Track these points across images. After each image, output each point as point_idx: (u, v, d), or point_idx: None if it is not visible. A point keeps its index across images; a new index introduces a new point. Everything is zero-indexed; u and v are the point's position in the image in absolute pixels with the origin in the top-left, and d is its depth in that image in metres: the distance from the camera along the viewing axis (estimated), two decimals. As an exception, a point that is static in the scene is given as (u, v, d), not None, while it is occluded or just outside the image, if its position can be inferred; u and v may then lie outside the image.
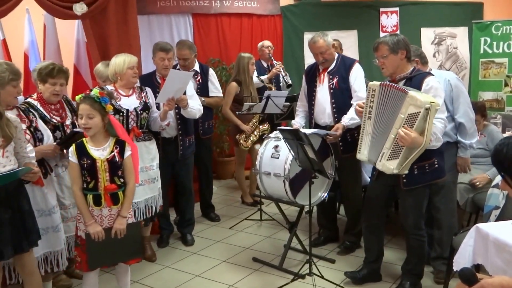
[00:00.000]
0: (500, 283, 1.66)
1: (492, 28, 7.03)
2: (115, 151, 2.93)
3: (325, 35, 3.87)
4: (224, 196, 5.90)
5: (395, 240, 4.22)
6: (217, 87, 4.89)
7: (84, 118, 2.84)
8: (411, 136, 2.84)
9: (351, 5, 7.02)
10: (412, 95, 2.87)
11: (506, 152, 1.72)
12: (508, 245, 2.16)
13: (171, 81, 3.71)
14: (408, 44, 3.17)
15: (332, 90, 3.89)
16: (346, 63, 3.93)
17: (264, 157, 3.92)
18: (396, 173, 2.98)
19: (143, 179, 3.75)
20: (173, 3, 6.33)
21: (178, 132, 4.13)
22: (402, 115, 2.90)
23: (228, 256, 4.07)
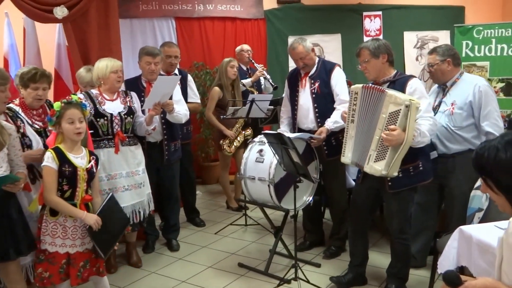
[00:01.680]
0: (484, 285, 1.66)
1: (474, 32, 7.11)
2: (93, 161, 2.90)
3: (304, 41, 3.88)
4: (209, 201, 5.86)
5: (380, 243, 4.22)
6: (195, 93, 4.88)
7: (77, 123, 2.80)
8: (395, 135, 2.86)
9: (334, 9, 7.04)
10: (390, 93, 2.91)
11: (488, 156, 1.71)
12: (491, 247, 2.18)
13: (158, 87, 3.69)
14: (389, 48, 3.20)
15: (314, 95, 3.90)
16: (326, 67, 3.94)
17: (248, 161, 3.91)
18: (385, 175, 2.97)
19: (130, 184, 3.72)
20: (156, 7, 6.30)
21: (164, 137, 4.09)
22: (383, 115, 2.93)
23: (214, 262, 4.04)
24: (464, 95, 3.36)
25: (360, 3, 7.19)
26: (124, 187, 3.67)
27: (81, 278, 2.85)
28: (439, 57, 3.45)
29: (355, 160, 3.17)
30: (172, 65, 4.60)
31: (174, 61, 4.59)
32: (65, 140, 2.85)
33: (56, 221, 2.81)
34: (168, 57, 4.55)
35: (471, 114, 3.35)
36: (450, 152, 3.40)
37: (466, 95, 3.35)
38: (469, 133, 3.36)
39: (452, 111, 3.38)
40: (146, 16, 6.25)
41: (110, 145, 3.60)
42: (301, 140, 3.77)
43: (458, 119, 3.36)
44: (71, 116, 2.79)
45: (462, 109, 3.35)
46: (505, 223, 1.69)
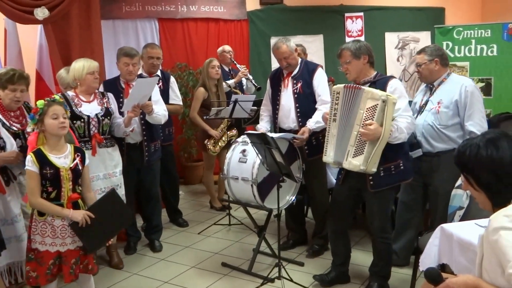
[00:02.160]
0: (465, 282, 1.68)
1: (454, 33, 7.21)
2: (77, 158, 2.86)
3: (288, 40, 3.90)
4: (192, 201, 5.84)
5: (363, 242, 4.26)
6: (177, 95, 4.86)
7: (61, 118, 2.78)
8: (372, 129, 2.91)
9: (316, 10, 7.08)
10: (367, 89, 2.98)
11: (469, 154, 1.74)
12: (472, 245, 2.21)
13: (137, 89, 3.67)
14: (370, 50, 3.25)
15: (296, 95, 3.91)
16: (309, 68, 3.96)
17: (231, 161, 3.90)
18: (363, 170, 3.00)
19: (106, 186, 3.67)
20: (138, 8, 6.26)
21: (143, 138, 4.07)
22: (361, 111, 2.99)
23: (197, 262, 4.03)
24: (450, 95, 3.40)
25: (342, 4, 7.24)
26: (101, 189, 3.63)
27: (74, 275, 2.84)
28: (427, 56, 3.49)
29: (338, 159, 3.19)
30: (154, 66, 4.58)
31: (156, 62, 4.57)
32: (48, 139, 2.81)
33: (44, 220, 2.79)
34: (151, 58, 4.53)
35: (456, 113, 3.38)
36: (435, 151, 3.43)
37: (453, 94, 3.39)
38: (454, 132, 3.40)
39: (438, 110, 3.41)
40: (129, 17, 6.21)
41: (87, 147, 3.55)
42: (284, 140, 3.78)
43: (444, 117, 3.40)
44: (56, 112, 2.77)
45: (448, 108, 3.39)
46: (485, 221, 1.72)
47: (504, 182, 1.68)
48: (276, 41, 3.95)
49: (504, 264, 1.54)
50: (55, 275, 2.83)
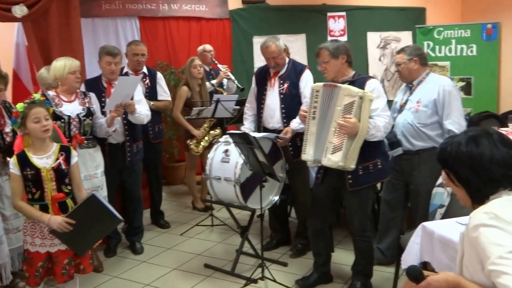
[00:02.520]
0: (445, 279, 1.69)
1: (435, 33, 7.28)
2: (61, 158, 2.81)
3: (277, 40, 3.88)
4: (174, 202, 5.79)
5: (345, 241, 4.26)
6: (165, 91, 4.82)
7: (43, 120, 2.73)
8: (351, 122, 2.93)
9: (299, 9, 7.08)
10: (344, 86, 3.01)
11: (450, 150, 1.76)
12: (452, 242, 2.22)
13: (120, 88, 3.62)
14: (348, 49, 3.26)
15: (282, 95, 3.89)
16: (296, 69, 3.95)
17: (214, 161, 3.88)
18: (342, 167, 3.01)
19: (87, 188, 3.58)
20: (119, 6, 6.18)
21: (126, 138, 4.02)
22: (339, 107, 3.01)
23: (179, 264, 3.99)
24: (429, 94, 3.43)
25: (325, 4, 7.25)
26: None
27: (68, 275, 2.80)
28: (407, 56, 3.52)
29: (317, 157, 3.18)
30: (139, 64, 4.53)
31: (141, 59, 4.52)
32: (33, 141, 2.77)
33: (33, 221, 2.76)
34: (135, 55, 4.48)
35: (435, 112, 3.42)
36: (415, 149, 3.46)
37: (431, 93, 3.42)
38: (433, 131, 3.43)
39: (417, 109, 3.45)
40: (109, 15, 6.12)
41: None
42: (267, 139, 3.76)
43: (423, 116, 3.43)
44: (37, 115, 2.72)
45: (427, 106, 3.42)
46: (466, 219, 1.73)
47: (483, 178, 1.68)
48: (266, 40, 3.92)
49: (484, 260, 1.55)
50: (43, 277, 2.80)
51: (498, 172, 1.66)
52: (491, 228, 1.56)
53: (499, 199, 1.67)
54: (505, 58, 7.05)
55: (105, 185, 3.79)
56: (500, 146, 1.69)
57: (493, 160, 1.67)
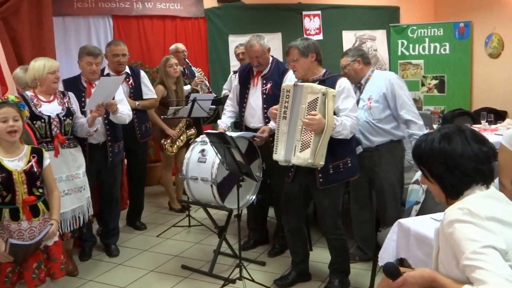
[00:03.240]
0: (421, 275, 1.71)
1: (408, 31, 7.38)
2: (33, 160, 2.75)
3: (262, 39, 3.86)
4: (150, 203, 5.71)
5: (323, 239, 4.24)
6: (150, 89, 4.75)
7: (11, 121, 2.66)
8: (316, 118, 2.94)
9: (274, 8, 7.09)
10: (307, 84, 3.04)
11: (424, 147, 1.79)
12: (428, 238, 2.24)
13: (101, 88, 3.57)
14: (318, 48, 3.27)
15: (265, 95, 3.87)
16: (280, 69, 3.93)
17: (190, 161, 3.84)
18: (311, 164, 3.01)
19: (69, 188, 3.56)
20: (91, 4, 6.08)
21: (107, 138, 3.96)
22: (303, 105, 3.03)
23: (156, 265, 3.94)
24: (377, 89, 3.53)
25: (300, 3, 7.27)
26: (64, 192, 3.50)
27: (38, 280, 2.74)
28: (350, 58, 3.62)
29: (288, 157, 3.17)
30: (120, 64, 4.43)
31: (122, 60, 4.41)
32: (2, 142, 2.71)
33: (1, 225, 2.69)
34: (116, 56, 4.38)
35: (387, 105, 3.52)
36: (374, 145, 3.54)
37: (379, 88, 3.52)
38: (388, 124, 3.53)
39: (370, 106, 3.52)
40: (81, 13, 6.02)
41: (49, 148, 3.43)
42: (244, 138, 3.74)
43: (376, 112, 3.52)
44: (5, 115, 2.66)
45: (378, 102, 3.51)
46: (441, 215, 1.75)
47: (455, 173, 1.71)
48: (250, 38, 3.88)
49: (459, 256, 1.57)
50: (14, 283, 2.73)
51: (470, 167, 1.69)
52: (466, 224, 1.58)
53: (473, 195, 1.70)
54: (477, 56, 7.19)
55: (87, 186, 3.73)
56: (472, 143, 1.72)
57: (464, 155, 1.69)
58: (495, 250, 1.52)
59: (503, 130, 4.66)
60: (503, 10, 6.64)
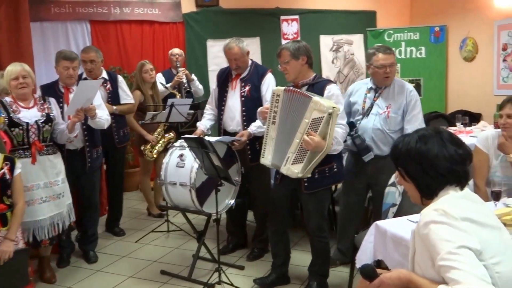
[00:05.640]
0: (398, 276, 1.72)
1: (385, 36, 7.47)
2: (5, 168, 2.71)
3: (241, 42, 3.86)
4: (129, 208, 5.66)
5: (302, 242, 4.28)
6: (128, 94, 4.72)
7: None
8: (315, 140, 2.88)
9: (252, 13, 7.10)
10: (316, 100, 2.91)
11: (401, 148, 1.82)
12: (404, 240, 2.27)
13: (80, 93, 3.54)
14: (309, 51, 3.24)
15: (243, 98, 3.87)
16: (259, 72, 3.93)
17: (169, 166, 3.82)
18: (300, 177, 3.03)
19: (48, 195, 3.51)
20: (69, 10, 6.03)
21: (85, 144, 3.92)
22: (306, 120, 2.94)
23: (135, 271, 3.90)
24: (399, 99, 3.46)
25: (278, 7, 7.31)
26: (41, 199, 3.46)
27: None
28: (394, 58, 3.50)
29: (275, 162, 3.18)
30: (89, 71, 4.40)
31: (89, 66, 4.38)
32: None
33: None
34: (84, 62, 4.37)
35: (403, 117, 3.46)
36: (383, 154, 3.45)
37: (401, 99, 3.45)
38: (398, 135, 3.42)
39: (388, 115, 3.45)
40: (58, 19, 5.97)
41: (26, 155, 3.39)
42: (222, 143, 3.73)
43: (393, 122, 3.46)
44: None
45: (396, 113, 3.45)
46: (417, 217, 1.77)
47: (430, 174, 1.74)
48: (229, 41, 3.87)
49: (434, 256, 1.59)
50: None
51: (445, 168, 1.72)
52: (441, 225, 1.60)
53: (447, 196, 1.72)
54: (452, 60, 7.32)
55: (68, 192, 3.69)
56: (448, 144, 1.75)
57: (440, 156, 1.72)
58: (470, 250, 1.54)
59: (477, 132, 4.75)
60: (477, 14, 6.78)
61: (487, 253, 1.57)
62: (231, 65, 3.91)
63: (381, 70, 3.41)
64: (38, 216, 3.42)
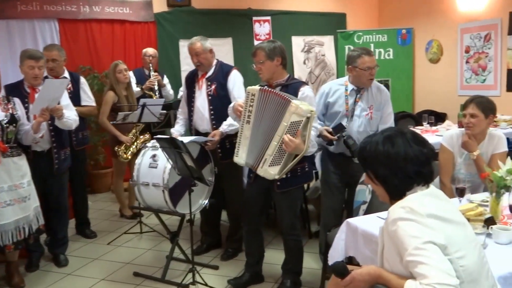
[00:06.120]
0: (368, 272, 1.77)
1: (355, 37, 7.60)
2: None
3: (204, 39, 3.89)
4: (101, 210, 5.61)
5: (275, 241, 4.33)
6: (89, 96, 4.67)
7: None
8: (295, 143, 2.91)
9: (225, 13, 7.12)
10: (295, 104, 2.93)
11: (369, 149, 1.84)
12: (374, 236, 2.32)
13: (45, 92, 3.45)
14: (284, 52, 3.26)
15: (210, 97, 3.89)
16: (224, 70, 3.94)
17: (141, 167, 3.80)
18: (277, 178, 3.06)
19: (12, 199, 3.42)
20: (36, 7, 5.91)
21: (52, 145, 3.84)
22: (285, 123, 2.96)
23: (107, 274, 3.87)
24: (377, 99, 3.52)
25: (250, 8, 7.34)
26: (5, 202, 3.37)
27: None
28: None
29: (249, 161, 3.20)
30: (50, 70, 4.29)
31: (50, 65, 4.27)
32: None
33: None
34: (46, 61, 4.27)
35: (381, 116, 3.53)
36: None
37: (380, 98, 3.52)
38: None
39: (371, 116, 3.50)
40: (25, 17, 5.85)
41: None
42: (195, 143, 3.74)
43: (375, 122, 3.52)
44: None
45: (377, 113, 3.51)
46: (386, 214, 1.81)
47: (399, 176, 1.78)
48: (192, 38, 3.91)
49: (402, 252, 1.64)
50: None
51: (412, 170, 1.77)
52: (408, 222, 1.65)
53: (414, 194, 1.77)
54: (418, 62, 7.51)
55: (35, 195, 3.61)
56: (413, 145, 1.79)
57: (407, 158, 1.77)
58: (435, 246, 1.60)
59: (443, 131, 4.88)
60: (442, 17, 6.97)
61: (452, 248, 1.63)
62: (193, 62, 3.92)
63: (367, 72, 3.43)
64: (2, 220, 3.33)
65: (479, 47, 6.49)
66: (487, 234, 2.29)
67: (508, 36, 6.07)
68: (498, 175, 2.55)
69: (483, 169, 2.84)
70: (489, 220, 2.43)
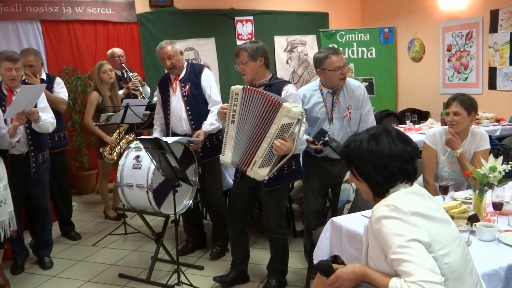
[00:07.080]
0: (353, 271, 1.78)
1: (337, 36, 7.65)
2: None
3: (173, 43, 3.91)
4: (85, 212, 5.56)
5: (260, 240, 4.34)
6: (62, 92, 4.58)
7: None
8: (287, 146, 2.92)
9: (207, 13, 7.10)
10: (286, 106, 2.91)
11: (353, 148, 1.86)
12: (359, 235, 2.34)
13: (21, 96, 3.41)
14: (266, 52, 3.26)
15: (185, 98, 3.88)
16: (195, 70, 3.96)
17: (125, 168, 3.77)
18: (266, 179, 3.06)
19: (-12, 203, 3.37)
20: (18, 9, 5.84)
21: (30, 148, 3.79)
22: (276, 126, 2.94)
23: (92, 275, 3.84)
24: (354, 96, 3.45)
25: (232, 8, 7.34)
26: None
27: None
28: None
29: (236, 160, 3.20)
30: (27, 75, 4.22)
31: (27, 71, 4.21)
32: None
33: None
34: (23, 66, 4.21)
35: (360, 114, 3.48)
36: None
37: (356, 95, 3.45)
38: None
39: (350, 116, 3.44)
40: (8, 19, 5.77)
41: None
42: (179, 143, 3.73)
43: (354, 123, 3.47)
44: None
45: (356, 112, 3.45)
46: (370, 212, 1.82)
47: (382, 173, 1.80)
48: (161, 42, 3.91)
49: (386, 250, 1.65)
50: None
51: (396, 167, 1.78)
52: (392, 220, 1.67)
53: (398, 192, 1.79)
54: (401, 60, 7.58)
55: (10, 200, 3.54)
56: (397, 143, 1.81)
57: (391, 156, 1.78)
58: (419, 243, 1.61)
59: (426, 129, 4.94)
60: (424, 16, 7.04)
61: (436, 245, 1.65)
62: (165, 65, 3.90)
63: (338, 72, 3.33)
64: None
65: (461, 46, 6.57)
66: (471, 232, 2.32)
67: (489, 34, 6.16)
68: (481, 173, 2.58)
69: (466, 166, 2.87)
70: (473, 217, 2.45)
